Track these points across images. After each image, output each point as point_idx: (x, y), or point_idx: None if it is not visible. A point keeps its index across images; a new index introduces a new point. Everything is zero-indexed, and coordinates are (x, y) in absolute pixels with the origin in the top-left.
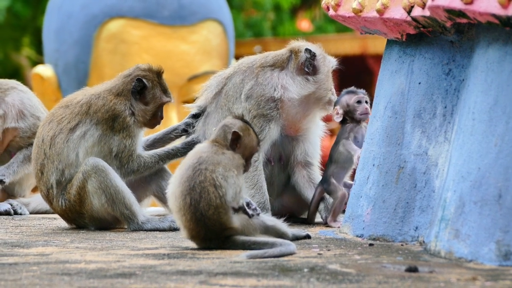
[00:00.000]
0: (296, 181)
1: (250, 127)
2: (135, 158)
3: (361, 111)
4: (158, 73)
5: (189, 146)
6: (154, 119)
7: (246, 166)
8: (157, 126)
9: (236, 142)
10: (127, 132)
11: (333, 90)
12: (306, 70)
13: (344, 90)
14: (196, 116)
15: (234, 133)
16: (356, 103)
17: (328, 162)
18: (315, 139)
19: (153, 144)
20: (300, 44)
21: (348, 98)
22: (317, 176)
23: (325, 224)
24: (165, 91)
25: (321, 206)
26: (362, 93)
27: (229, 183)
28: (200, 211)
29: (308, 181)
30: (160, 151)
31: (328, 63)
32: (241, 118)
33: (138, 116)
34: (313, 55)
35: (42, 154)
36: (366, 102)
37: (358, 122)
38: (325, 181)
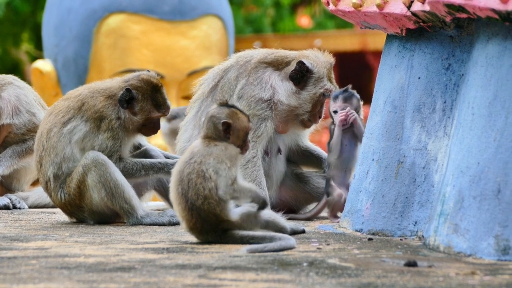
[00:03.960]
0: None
1: (237, 109)
2: (115, 161)
3: (335, 121)
4: (155, 87)
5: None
6: (146, 129)
7: (244, 146)
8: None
9: (228, 131)
10: (111, 133)
11: (317, 115)
12: (291, 79)
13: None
14: None
15: (224, 123)
16: (333, 112)
17: (327, 166)
18: (305, 133)
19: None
20: (309, 54)
21: (330, 105)
22: (307, 141)
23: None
24: (158, 106)
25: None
26: (339, 102)
27: (220, 175)
28: (190, 201)
29: (299, 145)
30: (146, 162)
31: (319, 88)
32: (226, 103)
33: (126, 123)
34: (306, 70)
35: (41, 146)
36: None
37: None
38: (326, 184)
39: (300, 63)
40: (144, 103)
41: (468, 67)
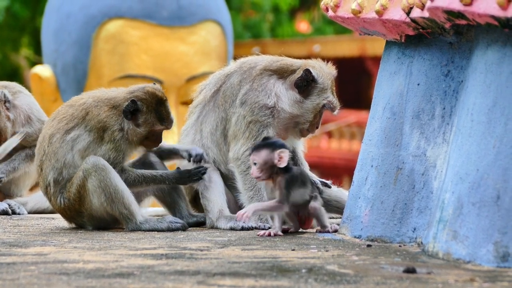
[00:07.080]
0: None
1: None
2: (118, 172)
3: None
4: (160, 100)
5: (180, 177)
6: (149, 141)
7: None
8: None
9: None
10: (114, 145)
11: (315, 125)
12: (296, 87)
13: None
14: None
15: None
16: (253, 164)
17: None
18: (300, 142)
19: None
20: (315, 64)
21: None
22: (301, 157)
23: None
24: (161, 119)
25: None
26: (252, 154)
27: None
28: None
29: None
30: (148, 173)
31: (322, 99)
32: None
33: (129, 135)
34: (312, 79)
35: (42, 151)
36: (255, 164)
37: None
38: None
39: (307, 71)
40: (148, 115)
41: (468, 73)
